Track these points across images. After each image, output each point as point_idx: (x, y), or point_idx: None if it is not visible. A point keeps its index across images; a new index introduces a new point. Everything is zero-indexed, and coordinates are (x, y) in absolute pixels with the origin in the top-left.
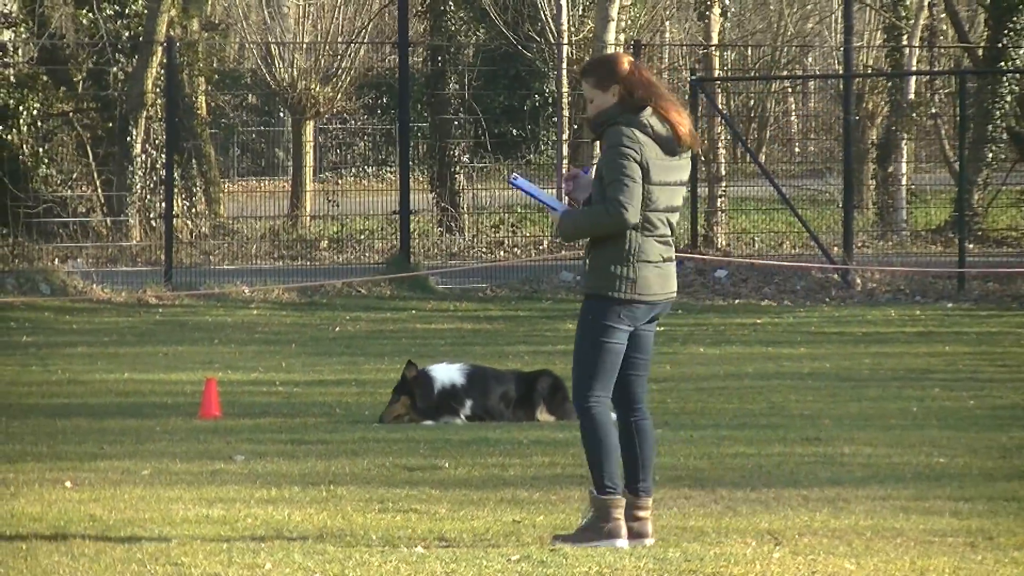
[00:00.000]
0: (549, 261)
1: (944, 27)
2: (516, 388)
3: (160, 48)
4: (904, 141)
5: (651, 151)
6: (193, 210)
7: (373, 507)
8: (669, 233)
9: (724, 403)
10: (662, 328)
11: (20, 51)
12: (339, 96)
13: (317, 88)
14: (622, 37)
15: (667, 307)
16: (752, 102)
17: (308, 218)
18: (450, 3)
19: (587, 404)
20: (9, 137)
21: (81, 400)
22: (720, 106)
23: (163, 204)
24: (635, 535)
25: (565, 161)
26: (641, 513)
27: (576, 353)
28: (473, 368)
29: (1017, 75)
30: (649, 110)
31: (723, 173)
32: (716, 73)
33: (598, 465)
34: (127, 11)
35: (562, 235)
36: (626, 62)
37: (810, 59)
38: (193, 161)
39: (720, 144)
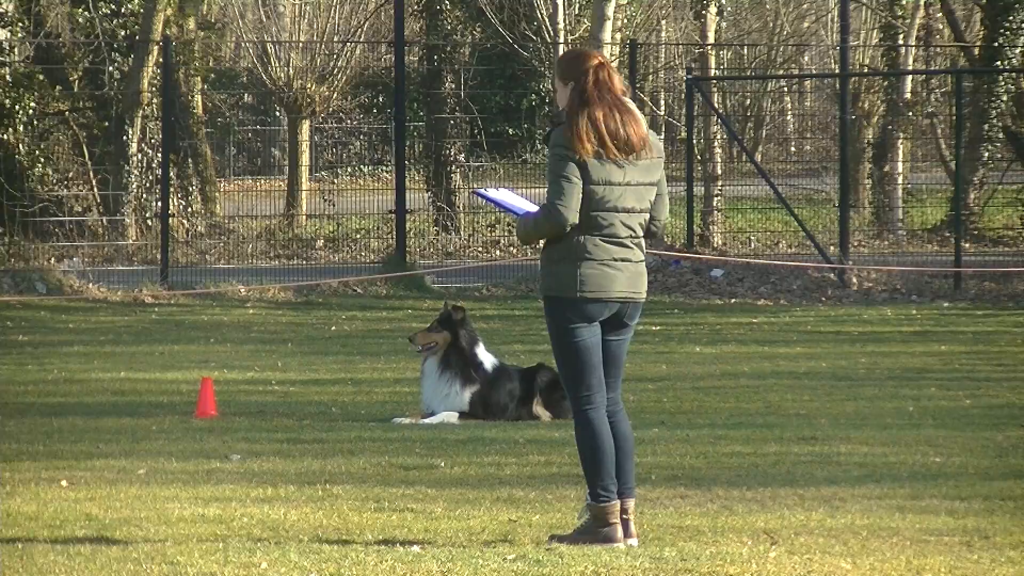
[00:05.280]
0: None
1: (940, 26)
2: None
3: (156, 47)
4: (900, 140)
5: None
6: (189, 209)
7: (369, 506)
8: (626, 234)
9: (720, 402)
10: (658, 327)
11: (16, 50)
12: (335, 95)
13: (313, 87)
14: (618, 36)
15: (633, 310)
16: (748, 101)
17: (304, 217)
18: (446, 2)
19: (581, 408)
20: (5, 136)
21: (77, 399)
22: (716, 105)
23: (159, 203)
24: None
25: None
26: (624, 515)
27: (555, 358)
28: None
29: (1013, 74)
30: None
31: (719, 172)
32: (712, 72)
33: (592, 473)
34: (123, 10)
35: (519, 240)
36: (592, 59)
37: (806, 58)
38: (189, 160)
39: (716, 143)
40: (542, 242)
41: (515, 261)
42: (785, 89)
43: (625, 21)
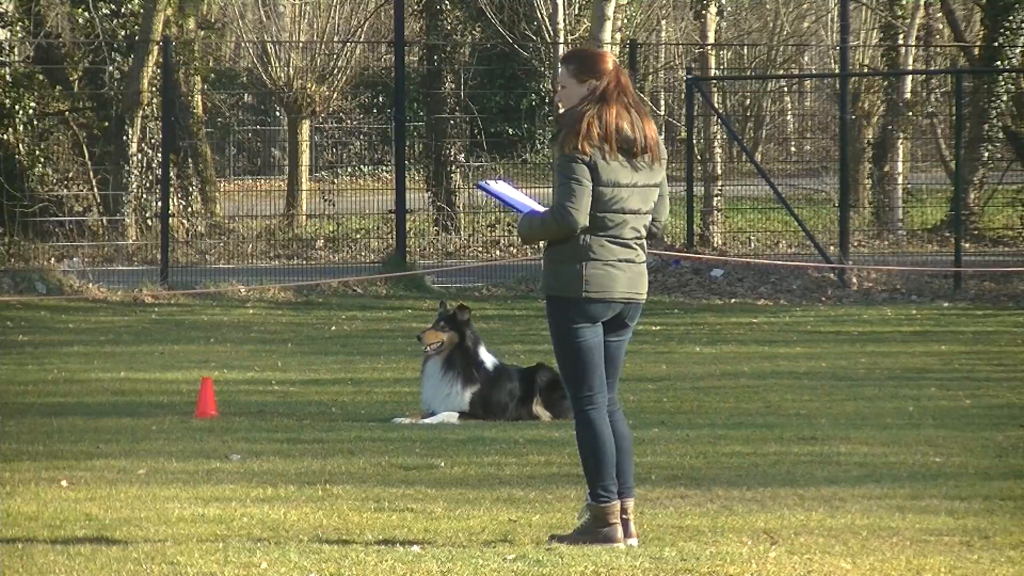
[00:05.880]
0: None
1: (940, 26)
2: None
3: (156, 47)
4: (900, 140)
5: (600, 151)
6: (189, 209)
7: (369, 506)
8: (631, 236)
9: (720, 402)
10: (658, 327)
11: (16, 50)
12: (335, 95)
13: (313, 87)
14: (618, 36)
15: (634, 311)
16: (748, 101)
17: (304, 217)
18: (446, 2)
19: (583, 408)
20: (5, 136)
21: (77, 399)
22: (716, 105)
23: (159, 203)
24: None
25: None
26: (623, 515)
27: (556, 358)
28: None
29: (1013, 74)
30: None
31: (719, 172)
32: (712, 72)
33: (593, 473)
34: (123, 10)
35: (520, 238)
36: (611, 62)
37: (806, 58)
38: (189, 160)
39: (716, 143)
40: (542, 242)
41: (515, 261)
42: (785, 89)
43: (625, 21)
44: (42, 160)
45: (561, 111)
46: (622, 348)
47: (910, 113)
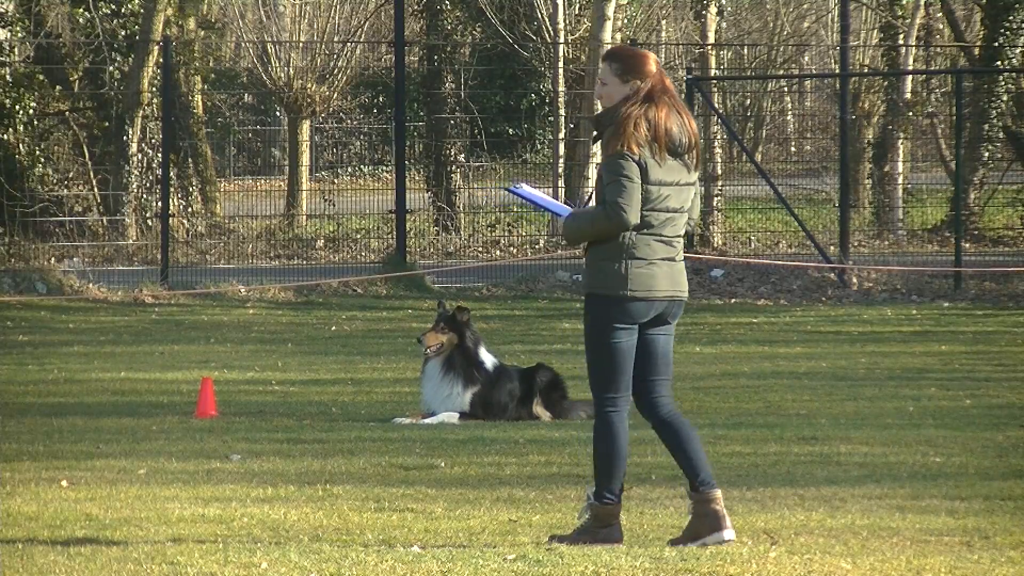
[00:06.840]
0: (545, 260)
1: (940, 26)
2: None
3: (156, 47)
4: (900, 140)
5: (649, 150)
6: (189, 209)
7: (369, 506)
8: (673, 234)
9: (720, 402)
10: None
11: (16, 50)
12: (335, 95)
13: (313, 87)
14: (618, 36)
15: (676, 308)
16: (748, 101)
17: (304, 217)
18: (446, 2)
19: (604, 409)
20: (5, 136)
21: (77, 399)
22: (716, 105)
23: (159, 203)
24: (712, 528)
25: (561, 160)
26: (714, 506)
27: (586, 356)
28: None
29: (1013, 74)
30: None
31: (719, 172)
32: (712, 72)
33: (603, 475)
34: (123, 10)
35: (566, 239)
36: (654, 63)
37: (806, 58)
38: (189, 160)
39: (716, 143)
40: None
41: (515, 261)
42: (785, 89)
43: (625, 21)
44: (42, 160)
45: (600, 108)
46: (669, 342)
47: (910, 113)
